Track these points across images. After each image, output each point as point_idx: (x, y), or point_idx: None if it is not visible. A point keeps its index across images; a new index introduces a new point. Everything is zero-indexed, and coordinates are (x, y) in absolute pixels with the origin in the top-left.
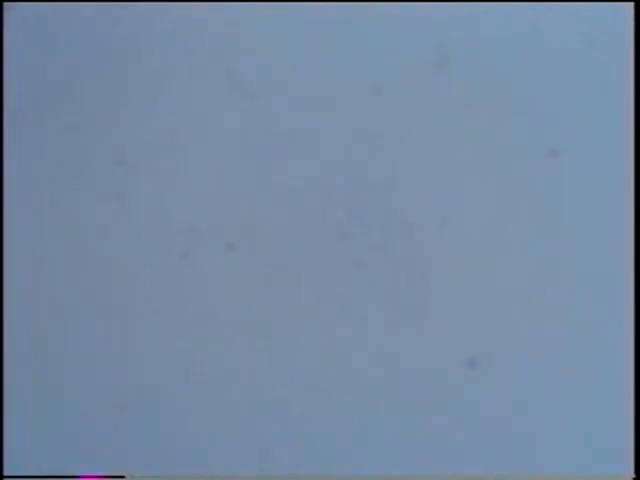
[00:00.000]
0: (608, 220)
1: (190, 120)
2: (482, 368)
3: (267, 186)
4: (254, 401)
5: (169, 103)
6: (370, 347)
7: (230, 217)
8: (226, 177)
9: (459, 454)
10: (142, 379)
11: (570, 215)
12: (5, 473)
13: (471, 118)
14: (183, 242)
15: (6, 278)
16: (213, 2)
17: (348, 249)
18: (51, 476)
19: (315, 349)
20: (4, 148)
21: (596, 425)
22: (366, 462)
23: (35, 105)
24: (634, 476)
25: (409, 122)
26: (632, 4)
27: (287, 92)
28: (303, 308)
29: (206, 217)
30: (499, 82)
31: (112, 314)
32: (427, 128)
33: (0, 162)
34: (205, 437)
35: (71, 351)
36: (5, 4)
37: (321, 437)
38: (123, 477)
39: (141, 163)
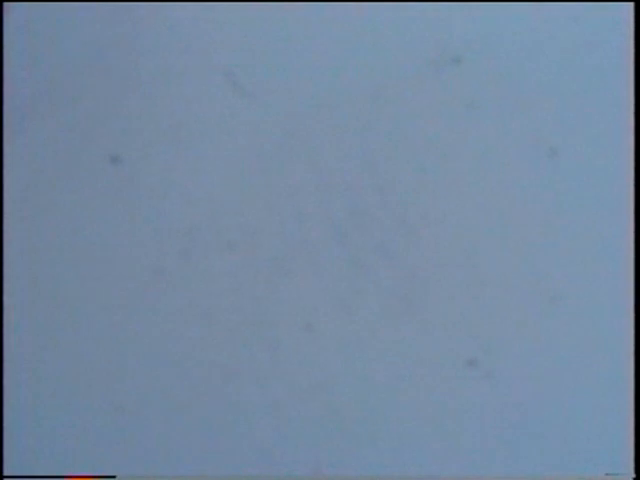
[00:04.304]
0: (608, 219)
1: (190, 120)
2: (481, 367)
3: (267, 186)
4: (254, 400)
5: (169, 102)
6: (370, 346)
7: (230, 217)
8: (226, 177)
9: (459, 454)
10: (142, 378)
11: (570, 214)
12: (5, 473)
13: (471, 118)
14: (183, 241)
15: (6, 277)
16: (212, 2)
17: (348, 249)
18: (51, 476)
19: (315, 348)
20: (4, 148)
21: (596, 425)
22: (366, 462)
23: (35, 104)
24: (634, 476)
25: (410, 122)
26: (632, 4)
27: (286, 92)
28: (303, 307)
29: (206, 217)
30: (499, 82)
31: (112, 313)
32: (428, 128)
33: (0, 161)
34: (205, 437)
35: (71, 351)
36: (5, 4)
37: (320, 436)
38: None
39: (141, 162)
